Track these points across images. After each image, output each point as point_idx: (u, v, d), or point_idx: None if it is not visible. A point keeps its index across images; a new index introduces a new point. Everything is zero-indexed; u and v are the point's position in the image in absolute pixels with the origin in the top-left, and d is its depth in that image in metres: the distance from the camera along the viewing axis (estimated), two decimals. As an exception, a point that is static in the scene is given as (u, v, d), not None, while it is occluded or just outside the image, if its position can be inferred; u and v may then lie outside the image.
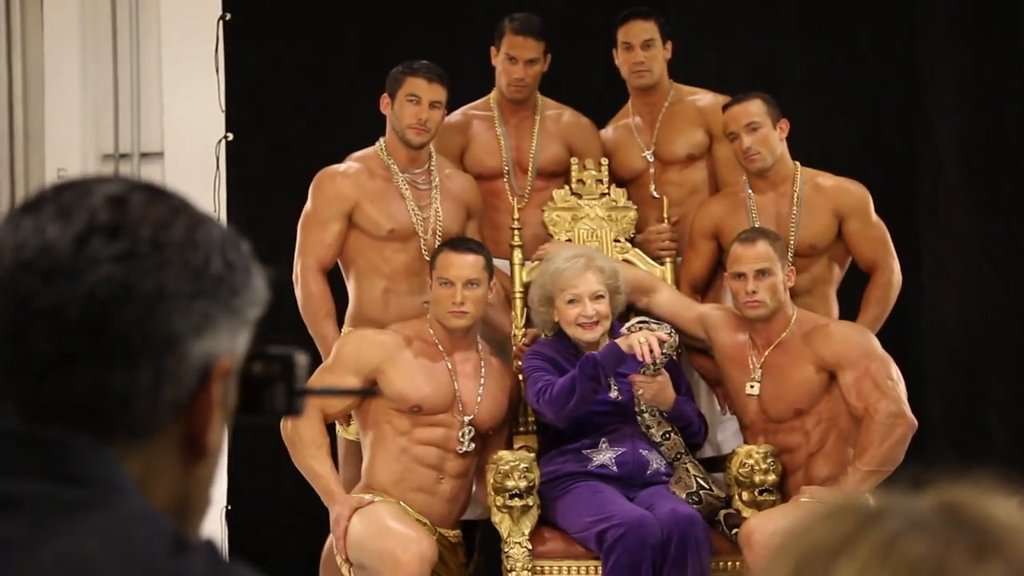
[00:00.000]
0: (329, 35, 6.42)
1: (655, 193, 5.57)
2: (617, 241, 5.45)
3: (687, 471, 4.96)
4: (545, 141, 5.59)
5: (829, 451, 5.00)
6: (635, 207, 5.50)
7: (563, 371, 4.97)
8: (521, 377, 5.16)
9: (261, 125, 6.39)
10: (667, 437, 5.01)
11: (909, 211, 6.12)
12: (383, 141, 5.28)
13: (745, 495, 4.89)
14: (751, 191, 5.34)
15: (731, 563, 4.92)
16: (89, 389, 1.16)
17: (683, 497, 4.89)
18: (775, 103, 5.27)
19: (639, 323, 5.05)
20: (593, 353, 4.91)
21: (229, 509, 6.17)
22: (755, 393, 5.06)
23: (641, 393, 4.97)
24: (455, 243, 5.07)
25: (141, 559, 1.10)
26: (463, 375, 5.04)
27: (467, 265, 4.96)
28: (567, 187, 5.49)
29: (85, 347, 1.16)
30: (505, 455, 4.92)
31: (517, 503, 4.84)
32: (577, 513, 4.88)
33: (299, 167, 5.51)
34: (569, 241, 5.41)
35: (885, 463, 4.85)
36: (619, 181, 5.57)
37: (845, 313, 5.31)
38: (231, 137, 6.34)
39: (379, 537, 4.79)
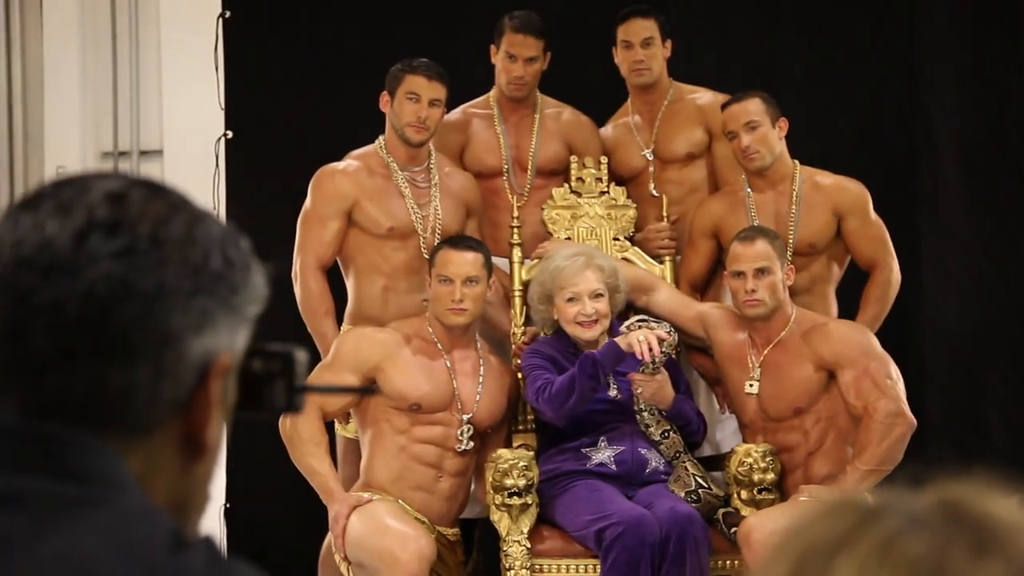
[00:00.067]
0: (329, 33, 6.42)
1: (654, 192, 5.57)
2: (616, 239, 5.45)
3: (686, 470, 4.96)
4: (545, 139, 5.59)
5: (828, 450, 5.00)
6: (634, 205, 5.50)
7: (562, 369, 4.97)
8: (520, 375, 5.16)
9: (260, 123, 6.38)
10: (666, 436, 5.01)
11: (909, 210, 6.11)
12: (382, 139, 5.28)
13: (744, 494, 4.89)
14: (750, 190, 5.33)
15: (730, 562, 4.91)
16: (88, 386, 1.16)
17: (682, 496, 4.89)
18: (774, 102, 5.26)
19: (638, 322, 5.05)
20: (592, 351, 4.90)
21: (228, 507, 6.16)
22: (754, 392, 5.06)
23: (640, 392, 4.97)
24: (454, 241, 5.07)
25: (141, 556, 1.10)
26: (462, 373, 5.04)
27: (466, 263, 4.96)
28: (566, 185, 5.49)
29: (84, 344, 1.15)
30: (504, 453, 4.91)
31: (516, 501, 4.84)
32: (576, 512, 4.87)
33: (298, 165, 5.51)
34: (568, 239, 5.41)
35: (884, 462, 4.85)
36: (618, 179, 5.57)
37: (844, 312, 5.31)
38: (230, 135, 6.33)
39: (378, 535, 4.78)
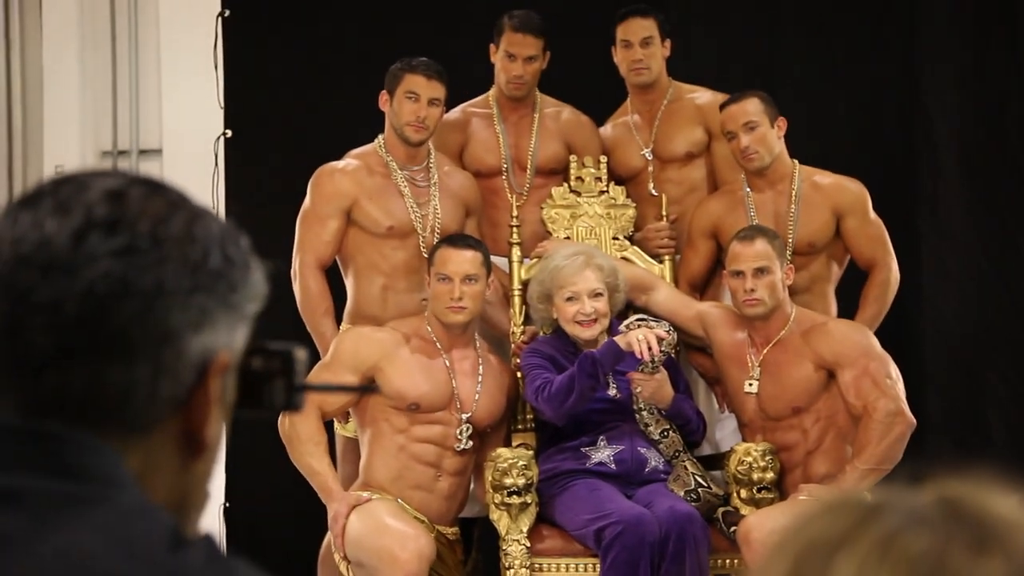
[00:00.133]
0: (328, 32, 6.42)
1: (654, 191, 5.57)
2: (616, 239, 5.44)
3: (685, 469, 4.96)
4: (544, 139, 5.59)
5: (827, 449, 5.00)
6: (634, 205, 5.50)
7: (562, 369, 4.97)
8: (519, 374, 5.16)
9: (260, 122, 6.38)
10: (665, 435, 5.01)
11: (909, 210, 6.11)
12: (382, 138, 5.28)
13: (743, 493, 4.89)
14: (749, 189, 5.33)
15: (729, 561, 4.91)
16: (87, 384, 1.16)
17: (681, 495, 4.89)
18: (772, 101, 5.26)
19: (637, 321, 5.05)
20: (592, 351, 4.90)
21: (227, 507, 6.16)
22: (753, 391, 5.06)
23: (639, 391, 4.97)
24: (453, 239, 5.07)
25: (140, 554, 1.10)
26: (461, 373, 5.04)
27: (465, 261, 4.96)
28: (566, 185, 5.49)
29: (83, 342, 1.15)
30: (503, 452, 4.91)
31: (515, 500, 4.84)
32: (575, 511, 4.87)
33: (298, 164, 5.51)
34: (568, 239, 5.40)
35: (884, 461, 4.85)
36: (618, 179, 5.57)
37: (843, 311, 5.31)
38: (230, 134, 6.32)
39: (377, 535, 4.78)
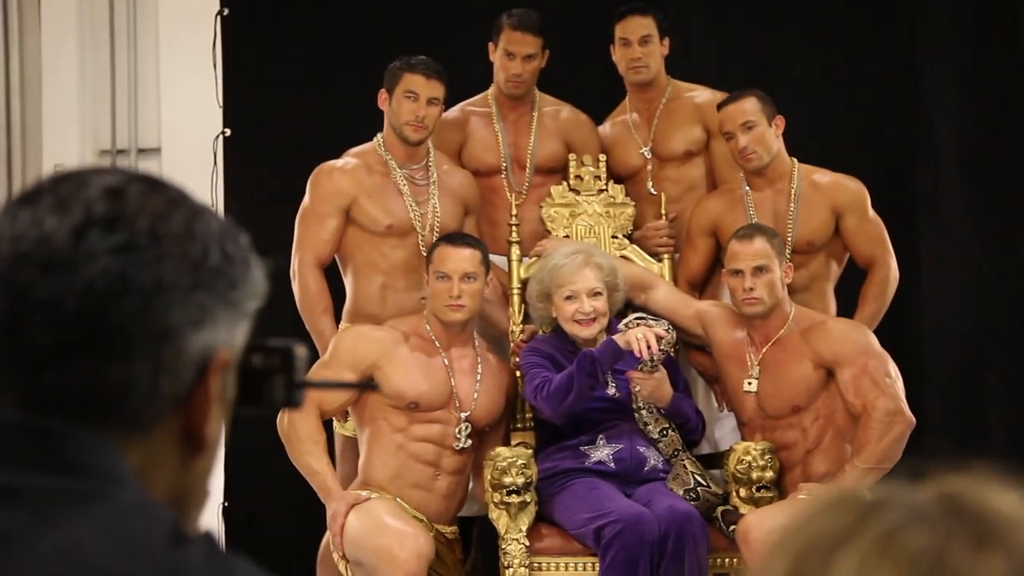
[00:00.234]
0: (327, 31, 6.41)
1: (652, 189, 5.57)
2: (615, 237, 5.44)
3: (685, 468, 4.96)
4: (543, 137, 5.59)
5: (826, 448, 5.00)
6: (633, 203, 5.50)
7: (561, 367, 4.97)
8: (519, 373, 5.16)
9: (258, 121, 6.37)
10: (664, 434, 5.01)
11: (908, 209, 6.11)
12: (381, 136, 5.28)
13: (743, 492, 4.89)
14: (748, 188, 5.33)
15: (728, 560, 4.91)
16: (87, 381, 1.16)
17: (681, 494, 4.89)
18: (770, 100, 5.26)
19: (637, 319, 5.05)
20: (591, 349, 4.90)
21: (226, 506, 6.16)
22: (753, 390, 5.06)
23: (639, 389, 4.97)
24: (452, 237, 5.07)
25: (140, 550, 1.10)
26: (460, 371, 5.04)
27: (464, 259, 4.96)
28: (565, 183, 5.48)
29: (83, 339, 1.15)
30: (503, 451, 4.91)
31: (515, 499, 4.84)
32: (574, 510, 4.87)
33: (297, 163, 5.51)
34: (567, 237, 5.40)
35: (883, 460, 4.84)
36: (617, 177, 5.57)
37: (843, 310, 5.31)
38: (228, 133, 6.32)
39: (376, 534, 4.78)
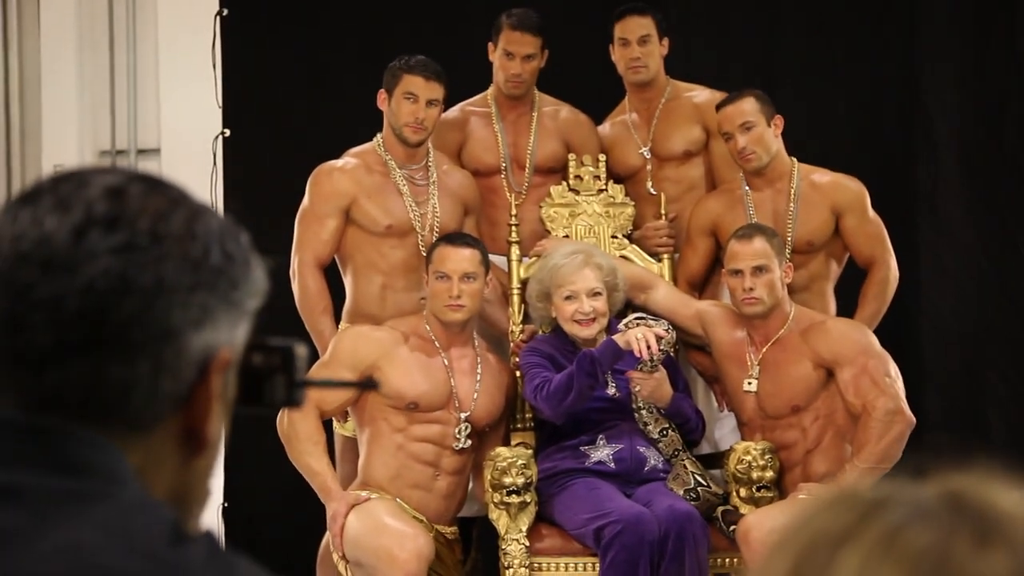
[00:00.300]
0: (326, 31, 6.41)
1: (652, 189, 5.57)
2: (615, 237, 5.44)
3: (685, 468, 4.96)
4: (542, 137, 5.58)
5: (826, 448, 5.00)
6: (632, 203, 5.49)
7: (561, 367, 4.97)
8: (518, 373, 5.16)
9: (258, 121, 6.37)
10: (664, 434, 5.01)
11: (908, 208, 6.11)
12: (380, 137, 5.27)
13: (743, 492, 4.89)
14: (748, 188, 5.33)
15: (728, 560, 4.91)
16: (87, 381, 1.16)
17: (681, 494, 4.89)
18: (769, 100, 5.26)
19: (636, 319, 5.04)
20: (590, 349, 4.90)
21: (226, 507, 6.16)
22: (753, 390, 5.05)
23: (638, 389, 4.96)
24: (451, 237, 5.06)
25: (141, 549, 1.10)
26: (459, 371, 5.04)
27: (463, 259, 4.96)
28: (565, 183, 5.48)
29: (84, 339, 1.15)
30: (503, 451, 4.91)
31: (515, 500, 4.84)
32: (575, 510, 4.87)
33: (296, 163, 5.51)
34: (567, 237, 5.40)
35: (883, 460, 4.84)
36: (616, 177, 5.57)
37: (842, 309, 5.30)
38: (228, 133, 6.32)
39: (376, 534, 4.78)
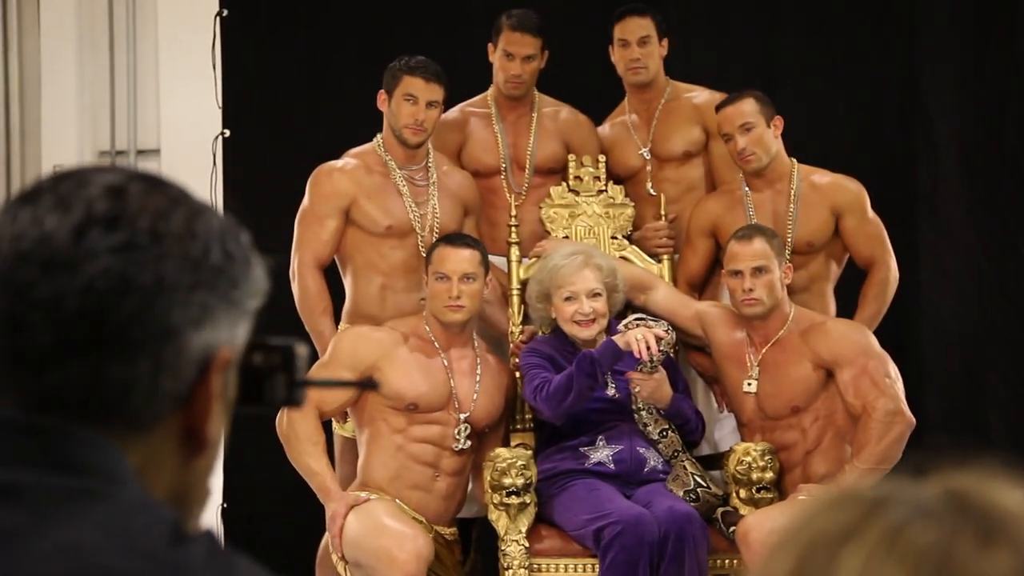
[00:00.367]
0: (326, 31, 6.41)
1: (652, 190, 5.57)
2: (614, 238, 5.44)
3: (684, 469, 4.95)
4: (542, 138, 5.58)
5: (826, 449, 5.00)
6: (632, 204, 5.49)
7: (560, 368, 4.96)
8: (518, 374, 5.16)
9: (258, 122, 6.37)
10: (664, 435, 5.01)
11: (908, 209, 6.11)
12: (380, 137, 5.27)
13: (743, 493, 4.89)
14: (748, 188, 5.33)
15: (728, 561, 4.91)
16: (87, 381, 1.15)
17: (680, 495, 4.88)
18: (768, 101, 5.25)
19: (636, 320, 5.04)
20: (590, 350, 4.90)
21: (225, 507, 6.16)
22: (752, 391, 5.05)
23: (638, 390, 4.96)
24: (451, 238, 5.06)
25: (141, 548, 1.09)
26: (459, 372, 5.04)
27: (463, 260, 4.96)
28: (564, 184, 5.48)
29: (84, 339, 1.15)
30: (502, 452, 4.91)
31: (514, 501, 4.84)
32: (574, 511, 4.87)
33: (296, 163, 5.51)
34: (566, 238, 5.40)
35: (883, 461, 4.84)
36: (616, 178, 5.57)
37: (842, 310, 5.30)
38: (228, 134, 6.32)
39: (375, 535, 4.78)
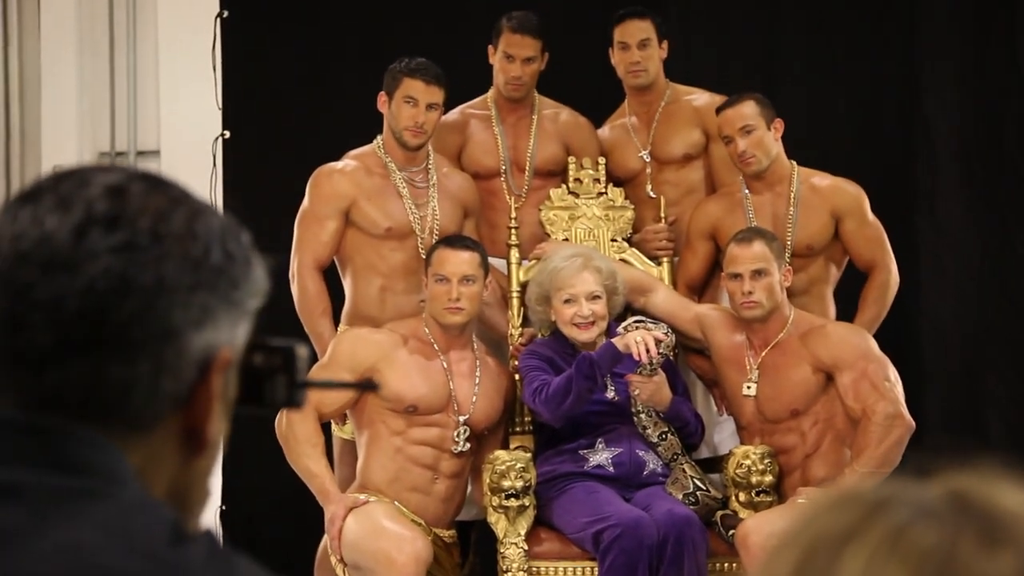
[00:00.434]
0: (327, 33, 6.41)
1: (652, 193, 5.57)
2: (614, 240, 5.44)
3: (684, 472, 4.95)
4: (542, 140, 5.58)
5: (825, 452, 5.00)
6: (632, 206, 5.49)
7: (560, 371, 4.96)
8: (517, 377, 5.15)
9: (258, 123, 6.37)
10: (664, 438, 5.00)
11: (908, 208, 6.11)
12: (380, 139, 5.27)
13: (742, 496, 4.88)
14: (748, 191, 5.33)
15: (727, 564, 4.90)
16: (88, 381, 1.15)
17: (680, 498, 4.88)
18: (769, 104, 5.25)
19: (636, 323, 5.04)
20: (589, 352, 4.89)
21: (224, 509, 6.15)
22: (752, 394, 5.05)
23: (638, 393, 4.96)
24: (450, 240, 5.06)
25: (140, 548, 1.09)
26: (458, 374, 5.03)
27: (463, 262, 4.96)
28: (564, 186, 5.48)
29: (84, 339, 1.15)
30: (501, 455, 4.91)
31: (513, 503, 4.83)
32: (573, 514, 4.86)
33: (296, 165, 5.50)
34: (566, 240, 5.40)
35: (883, 464, 4.83)
36: (616, 180, 5.57)
37: (842, 313, 5.30)
38: (228, 135, 6.32)
39: (374, 537, 4.78)
